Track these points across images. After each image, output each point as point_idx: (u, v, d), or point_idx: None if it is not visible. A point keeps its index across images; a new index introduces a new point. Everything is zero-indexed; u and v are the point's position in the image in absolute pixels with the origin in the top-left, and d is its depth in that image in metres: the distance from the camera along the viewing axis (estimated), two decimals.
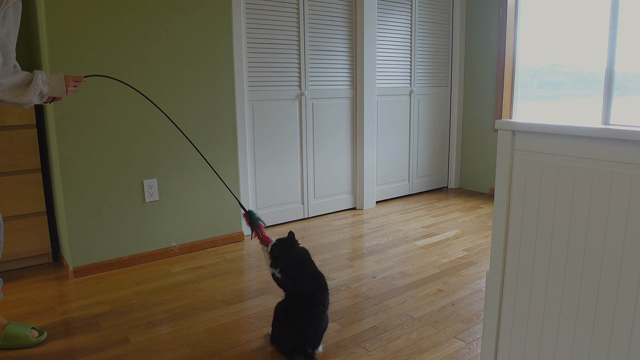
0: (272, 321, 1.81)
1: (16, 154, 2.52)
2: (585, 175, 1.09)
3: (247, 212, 1.91)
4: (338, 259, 2.77)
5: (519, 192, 1.23)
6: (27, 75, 1.66)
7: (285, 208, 3.49)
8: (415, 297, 2.26)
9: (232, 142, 2.98)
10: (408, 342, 1.87)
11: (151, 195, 2.73)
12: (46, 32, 2.33)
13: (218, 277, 2.53)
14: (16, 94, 1.63)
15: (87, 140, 2.50)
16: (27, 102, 1.66)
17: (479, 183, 4.47)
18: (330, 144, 3.66)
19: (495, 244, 1.31)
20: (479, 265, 2.64)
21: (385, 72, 3.93)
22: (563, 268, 1.16)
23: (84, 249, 2.56)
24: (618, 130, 1.02)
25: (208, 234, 2.98)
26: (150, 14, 2.60)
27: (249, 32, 3.10)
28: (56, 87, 1.72)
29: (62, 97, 1.77)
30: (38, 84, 1.66)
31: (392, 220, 3.56)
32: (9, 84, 1.61)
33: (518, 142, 1.22)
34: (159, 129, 2.71)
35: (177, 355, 1.80)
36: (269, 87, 3.26)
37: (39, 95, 1.69)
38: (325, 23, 3.48)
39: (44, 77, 1.69)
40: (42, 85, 1.67)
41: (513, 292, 1.29)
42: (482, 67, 4.27)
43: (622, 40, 3.31)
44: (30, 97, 1.65)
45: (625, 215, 1.03)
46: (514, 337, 1.31)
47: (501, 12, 4.02)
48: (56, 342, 1.90)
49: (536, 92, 4.08)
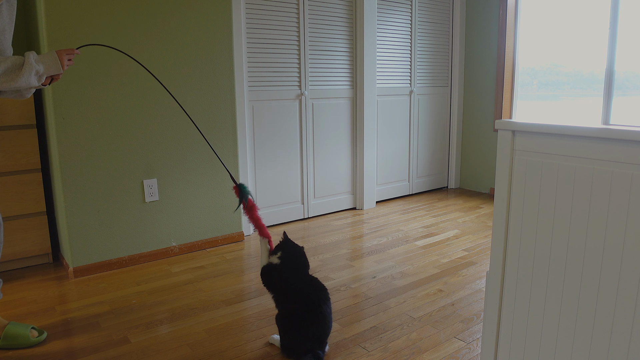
0: (280, 334, 1.79)
1: (16, 154, 2.52)
2: (585, 175, 1.09)
3: (237, 184, 1.82)
4: (338, 259, 2.77)
5: (519, 192, 1.23)
6: (18, 59, 1.59)
7: (285, 208, 3.49)
8: (415, 297, 2.26)
9: (232, 142, 2.98)
10: (408, 342, 1.87)
11: (151, 195, 2.73)
12: (46, 31, 2.33)
13: (218, 277, 2.53)
14: (11, 78, 1.56)
15: (87, 140, 2.50)
16: (24, 84, 1.59)
17: (479, 183, 4.47)
18: (330, 144, 3.66)
19: (495, 244, 1.31)
20: (479, 265, 2.64)
21: (385, 72, 3.93)
22: (563, 268, 1.16)
23: (84, 249, 2.56)
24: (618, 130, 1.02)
25: (208, 234, 2.98)
26: (150, 13, 2.60)
27: (249, 32, 3.10)
28: (51, 63, 1.65)
29: (60, 73, 1.69)
30: (31, 63, 1.58)
31: (392, 220, 3.56)
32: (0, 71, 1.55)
33: (518, 142, 1.22)
34: (159, 129, 2.71)
35: (177, 355, 1.80)
36: (269, 87, 3.26)
37: (36, 76, 1.61)
38: (325, 23, 3.48)
39: (35, 57, 1.61)
40: (35, 65, 1.60)
41: (513, 292, 1.29)
42: (482, 67, 4.27)
43: (622, 40, 3.31)
44: (25, 78, 1.58)
45: (625, 215, 1.03)
46: (514, 337, 1.31)
47: (501, 12, 4.02)
48: (56, 342, 1.90)
49: (536, 92, 4.08)
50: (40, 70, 1.62)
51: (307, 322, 1.70)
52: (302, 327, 1.70)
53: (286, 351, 1.77)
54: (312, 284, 1.78)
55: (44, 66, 1.63)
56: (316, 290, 1.75)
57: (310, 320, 1.70)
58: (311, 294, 1.74)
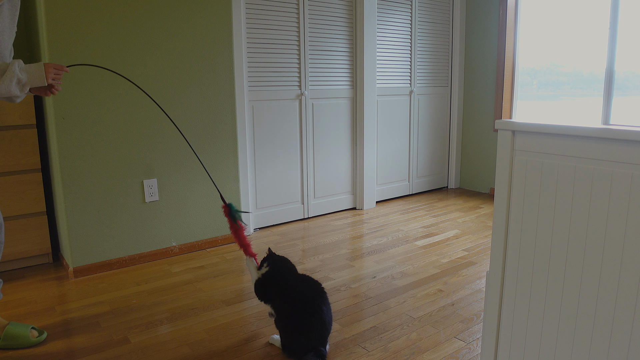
0: (280, 334, 1.79)
1: (16, 154, 2.52)
2: (585, 175, 1.09)
3: (227, 204, 1.87)
4: (338, 259, 2.77)
5: (519, 192, 1.23)
6: (2, 64, 1.58)
7: (285, 208, 3.49)
8: (415, 297, 2.26)
9: (232, 142, 2.98)
10: (408, 342, 1.87)
11: (151, 195, 2.73)
12: (46, 33, 2.33)
13: (218, 277, 2.53)
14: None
15: (87, 140, 2.50)
16: (4, 92, 1.57)
17: (479, 183, 4.47)
18: (330, 144, 3.66)
19: (495, 244, 1.31)
20: (479, 265, 2.64)
21: (385, 72, 3.93)
22: (563, 268, 1.16)
23: (84, 249, 2.56)
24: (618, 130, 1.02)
25: (208, 234, 2.98)
26: (150, 13, 2.60)
27: (249, 32, 3.10)
28: (35, 74, 1.62)
29: (55, 85, 1.68)
30: (14, 71, 1.57)
31: (392, 220, 3.56)
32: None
33: (518, 142, 1.22)
34: (159, 129, 2.71)
35: (177, 355, 1.80)
36: (269, 87, 3.26)
37: (18, 85, 1.59)
38: (325, 23, 3.48)
39: (21, 65, 1.60)
40: (19, 73, 1.58)
41: (513, 292, 1.29)
42: (482, 67, 4.27)
43: (622, 40, 3.31)
44: (6, 85, 1.56)
45: (625, 215, 1.03)
46: (514, 337, 1.31)
47: (501, 12, 4.02)
48: (56, 342, 1.90)
49: (536, 92, 4.08)
50: (23, 79, 1.60)
51: (307, 320, 1.70)
52: (302, 326, 1.70)
53: (287, 351, 1.77)
54: (306, 282, 1.79)
55: (28, 76, 1.61)
56: (311, 288, 1.76)
57: (310, 319, 1.70)
58: (307, 291, 1.74)
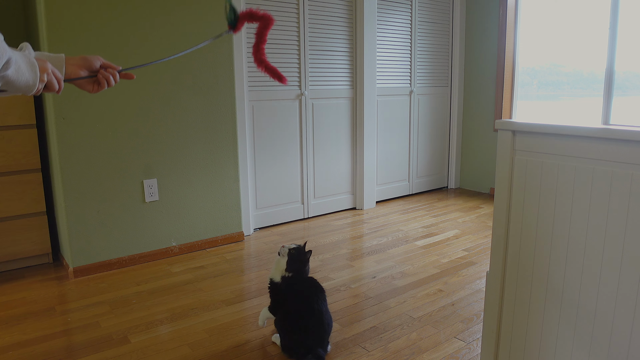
0: (280, 335, 1.80)
1: (16, 154, 2.52)
2: (585, 175, 1.09)
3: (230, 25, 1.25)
4: (338, 259, 2.77)
5: (519, 192, 1.23)
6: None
7: (285, 208, 3.48)
8: (415, 297, 2.26)
9: (232, 142, 2.98)
10: (408, 342, 1.87)
11: (151, 195, 2.73)
12: (46, 32, 2.33)
13: (218, 277, 2.53)
14: None
15: (87, 140, 2.50)
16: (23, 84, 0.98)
17: (479, 183, 4.47)
18: (330, 144, 3.66)
19: (495, 244, 1.31)
20: (479, 265, 2.64)
21: (385, 72, 3.93)
22: (563, 268, 1.16)
23: (84, 249, 2.56)
24: (618, 130, 1.02)
25: (208, 234, 2.98)
26: (149, 14, 2.60)
27: (249, 32, 3.10)
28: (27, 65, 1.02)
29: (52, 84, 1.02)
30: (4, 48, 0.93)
31: (392, 220, 3.56)
32: None
33: (518, 142, 1.22)
34: (159, 129, 2.71)
35: (177, 355, 1.80)
36: (268, 87, 3.26)
37: None
38: (325, 23, 3.47)
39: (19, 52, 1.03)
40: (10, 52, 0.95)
41: (513, 292, 1.29)
42: (482, 67, 4.27)
43: (622, 40, 3.31)
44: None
45: (625, 215, 1.03)
46: (514, 337, 1.31)
47: (501, 12, 4.02)
48: (56, 342, 1.90)
49: (536, 92, 4.08)
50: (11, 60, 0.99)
51: (305, 322, 1.70)
52: (302, 326, 1.70)
53: (287, 351, 1.77)
54: (306, 283, 1.79)
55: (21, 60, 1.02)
56: (311, 289, 1.76)
57: (308, 320, 1.70)
58: (306, 292, 1.75)
